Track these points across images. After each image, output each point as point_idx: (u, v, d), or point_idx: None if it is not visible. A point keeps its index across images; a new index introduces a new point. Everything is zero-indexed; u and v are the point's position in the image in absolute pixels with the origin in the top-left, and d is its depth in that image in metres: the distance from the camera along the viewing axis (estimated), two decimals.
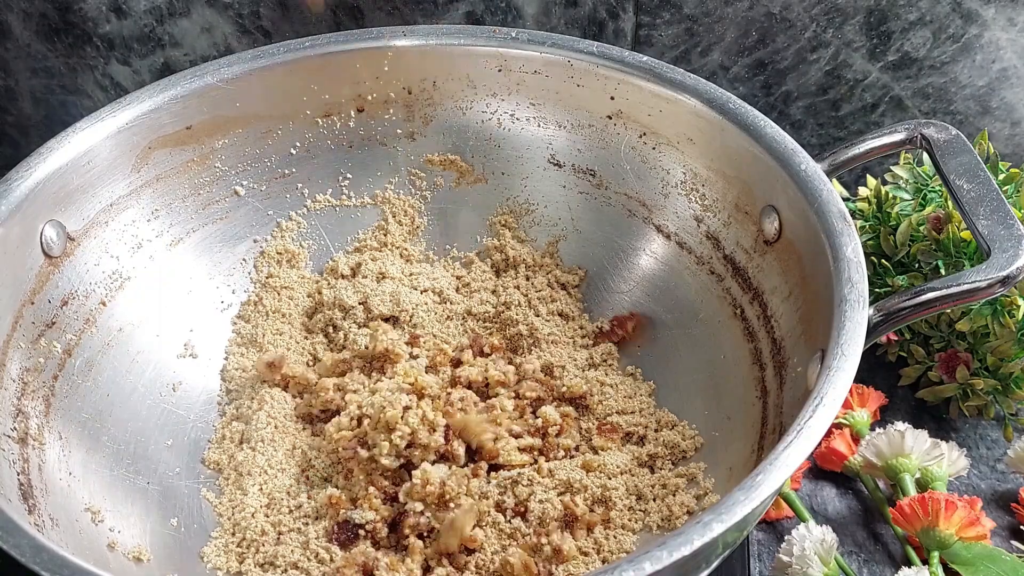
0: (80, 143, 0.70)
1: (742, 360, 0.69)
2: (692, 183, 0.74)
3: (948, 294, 0.60)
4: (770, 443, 0.62)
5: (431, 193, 0.82)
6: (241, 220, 0.79)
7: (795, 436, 0.52)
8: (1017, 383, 0.75)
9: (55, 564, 0.50)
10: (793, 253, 0.66)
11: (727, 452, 0.67)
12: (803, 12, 0.86)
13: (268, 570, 0.64)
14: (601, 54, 0.76)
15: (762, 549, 0.71)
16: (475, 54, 0.78)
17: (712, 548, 0.49)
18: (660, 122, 0.75)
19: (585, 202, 0.80)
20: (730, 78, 0.90)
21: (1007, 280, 0.59)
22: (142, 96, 0.73)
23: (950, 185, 0.65)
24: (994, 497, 0.75)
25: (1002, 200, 0.63)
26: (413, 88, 0.80)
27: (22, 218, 0.66)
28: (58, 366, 0.67)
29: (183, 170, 0.76)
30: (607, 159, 0.78)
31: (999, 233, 0.61)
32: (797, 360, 0.63)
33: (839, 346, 0.56)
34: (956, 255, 0.75)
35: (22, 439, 0.62)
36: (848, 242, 0.61)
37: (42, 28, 0.87)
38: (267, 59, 0.76)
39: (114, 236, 0.72)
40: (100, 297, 0.71)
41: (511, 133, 0.80)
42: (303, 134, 0.79)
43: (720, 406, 0.69)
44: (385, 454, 0.64)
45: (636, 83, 0.75)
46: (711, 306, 0.73)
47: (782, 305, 0.67)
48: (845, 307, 0.58)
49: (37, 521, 0.58)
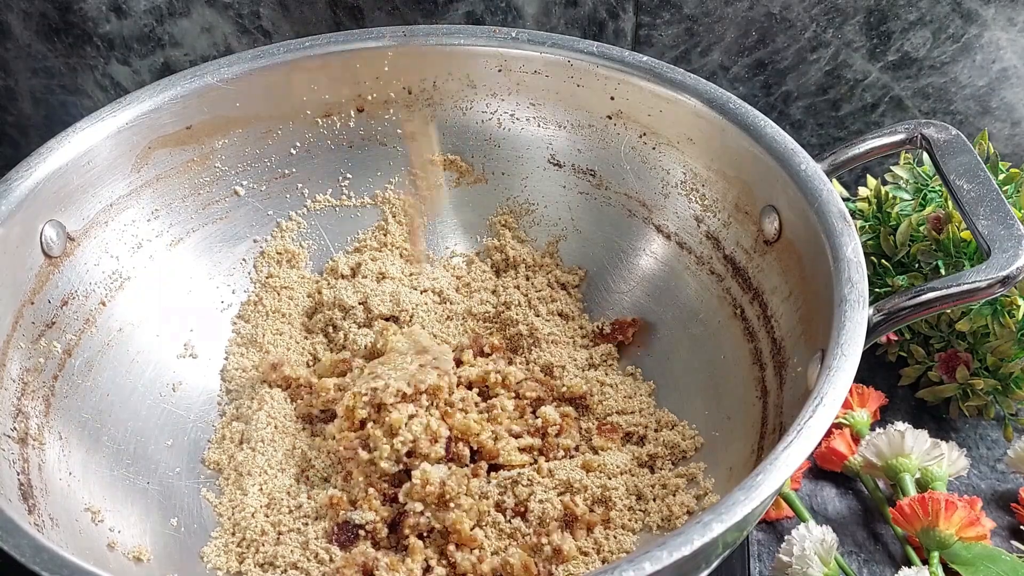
0: (80, 143, 0.70)
1: (742, 360, 0.69)
2: (692, 183, 0.74)
3: (948, 294, 0.60)
4: (770, 443, 0.62)
5: (431, 193, 0.82)
6: (241, 220, 0.79)
7: (795, 436, 0.52)
8: (1017, 383, 0.75)
9: (55, 564, 0.50)
10: (793, 253, 0.66)
11: (727, 452, 0.67)
12: (803, 12, 0.86)
13: (268, 570, 0.64)
14: (601, 54, 0.76)
15: (762, 549, 0.71)
16: (475, 54, 0.78)
17: (712, 548, 0.49)
18: (660, 122, 0.75)
19: (585, 202, 0.80)
20: (730, 78, 0.90)
21: (1007, 280, 0.59)
22: (142, 96, 0.73)
23: (950, 185, 0.65)
24: (994, 497, 0.75)
25: (1002, 200, 0.63)
26: (413, 88, 0.80)
27: (22, 218, 0.66)
28: (58, 366, 0.67)
29: (183, 170, 0.76)
30: (607, 159, 0.78)
31: (999, 233, 0.61)
32: (797, 360, 0.63)
33: (839, 346, 0.56)
34: (956, 255, 0.75)
35: (22, 439, 0.62)
36: (848, 242, 0.61)
37: (42, 28, 0.87)
38: (267, 59, 0.76)
39: (114, 236, 0.72)
40: (100, 297, 0.71)
41: (511, 133, 0.80)
42: (303, 134, 0.79)
43: (720, 406, 0.69)
44: (385, 457, 0.64)
45: (636, 83, 0.75)
46: (711, 306, 0.73)
47: (782, 305, 0.67)
48: (845, 307, 0.58)
49: (37, 521, 0.58)
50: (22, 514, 0.57)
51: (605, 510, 0.65)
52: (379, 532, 0.64)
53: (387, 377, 0.67)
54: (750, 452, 0.64)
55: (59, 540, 0.58)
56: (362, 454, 0.65)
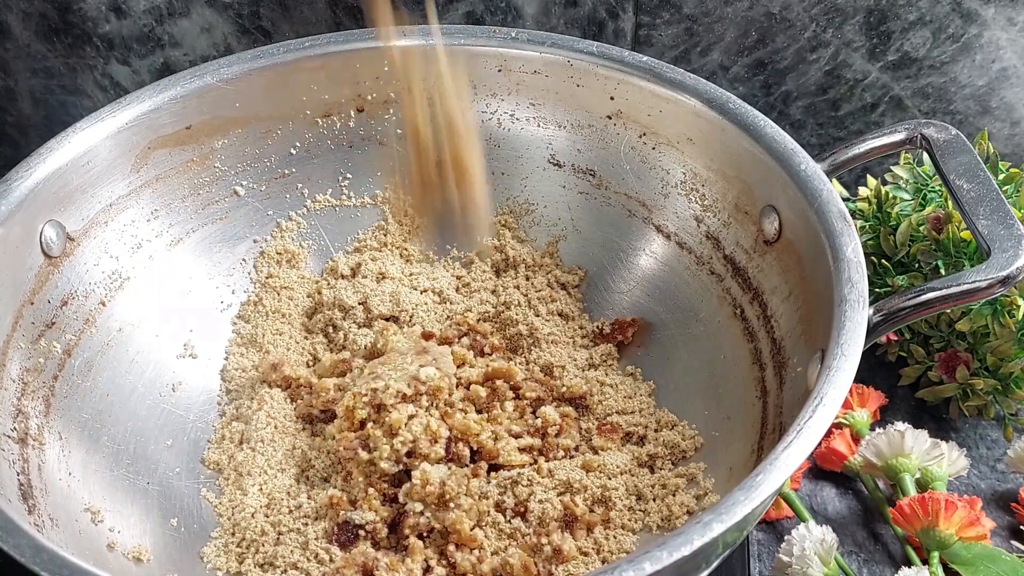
0: (80, 143, 0.70)
1: (742, 360, 0.69)
2: (692, 183, 0.74)
3: (948, 294, 0.60)
4: (770, 443, 0.62)
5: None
6: (241, 220, 0.79)
7: (795, 436, 0.52)
8: (1017, 383, 0.75)
9: (55, 564, 0.50)
10: (793, 253, 0.66)
11: (727, 452, 0.67)
12: (803, 12, 0.86)
13: (268, 570, 0.64)
14: (601, 54, 0.76)
15: (762, 549, 0.71)
16: (475, 54, 0.78)
17: (712, 548, 0.49)
18: (660, 122, 0.75)
19: (585, 202, 0.80)
20: (730, 78, 0.90)
21: (1007, 280, 0.59)
22: (142, 96, 0.73)
23: (950, 185, 0.65)
24: (994, 497, 0.75)
25: (1002, 200, 0.63)
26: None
27: (22, 218, 0.66)
28: (58, 366, 0.67)
29: (183, 170, 0.76)
30: (607, 159, 0.78)
31: (999, 233, 0.61)
32: (797, 360, 0.63)
33: (839, 346, 0.56)
34: (956, 255, 0.75)
35: (22, 439, 0.62)
36: (848, 242, 0.61)
37: (42, 28, 0.87)
38: (267, 59, 0.76)
39: (114, 236, 0.73)
40: (100, 297, 0.71)
41: (511, 133, 0.80)
42: (303, 134, 0.79)
43: (720, 406, 0.69)
44: (385, 458, 0.64)
45: (636, 83, 0.75)
46: (711, 306, 0.73)
47: (782, 305, 0.67)
48: (845, 307, 0.58)
49: (37, 521, 0.58)
50: (22, 514, 0.57)
51: (605, 510, 0.65)
52: (379, 532, 0.64)
53: (387, 377, 0.67)
54: (750, 452, 0.64)
55: (59, 540, 0.58)
56: (362, 454, 0.65)
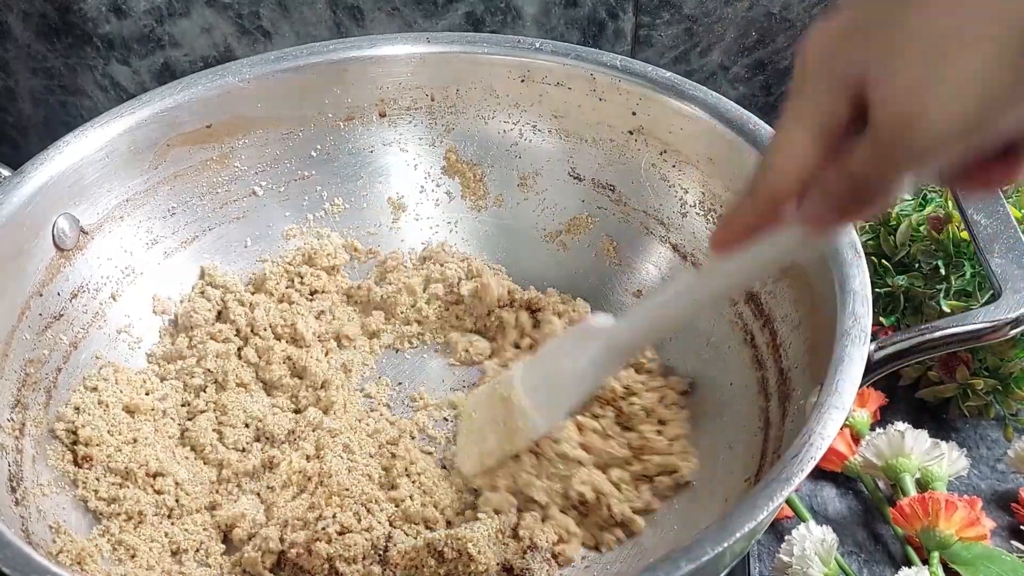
0: (98, 138, 0.71)
1: (749, 388, 0.67)
2: (711, 204, 0.73)
3: (956, 333, 0.58)
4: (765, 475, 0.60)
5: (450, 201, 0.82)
6: (258, 220, 0.79)
7: (773, 480, 0.51)
8: (1017, 383, 0.74)
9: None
10: (804, 281, 0.64)
11: (725, 481, 0.65)
12: (803, 12, 0.85)
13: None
14: (624, 68, 0.75)
15: (762, 549, 0.71)
16: (498, 63, 0.77)
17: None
18: (680, 140, 0.74)
19: (604, 217, 0.78)
20: (730, 78, 0.88)
21: (1018, 322, 0.57)
22: (163, 93, 0.74)
23: (966, 218, 0.63)
24: (994, 497, 0.74)
25: (1019, 238, 0.61)
26: (436, 95, 0.79)
27: (34, 211, 0.67)
28: (63, 358, 0.68)
29: (201, 168, 0.76)
30: (627, 175, 0.77)
31: (1012, 273, 0.59)
32: (801, 392, 0.61)
33: (834, 383, 0.54)
34: (956, 255, 0.74)
35: (19, 429, 0.63)
36: (856, 274, 0.59)
37: (42, 28, 0.88)
38: (290, 61, 0.77)
39: (129, 231, 0.73)
40: (111, 291, 0.72)
41: (532, 144, 0.79)
42: (324, 137, 0.79)
43: (723, 434, 0.68)
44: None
45: (658, 99, 0.74)
46: (722, 330, 0.71)
47: (791, 334, 0.65)
48: (846, 342, 0.56)
49: (24, 513, 0.59)
50: (8, 504, 0.57)
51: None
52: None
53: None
54: (746, 484, 0.63)
55: (43, 533, 0.59)
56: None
